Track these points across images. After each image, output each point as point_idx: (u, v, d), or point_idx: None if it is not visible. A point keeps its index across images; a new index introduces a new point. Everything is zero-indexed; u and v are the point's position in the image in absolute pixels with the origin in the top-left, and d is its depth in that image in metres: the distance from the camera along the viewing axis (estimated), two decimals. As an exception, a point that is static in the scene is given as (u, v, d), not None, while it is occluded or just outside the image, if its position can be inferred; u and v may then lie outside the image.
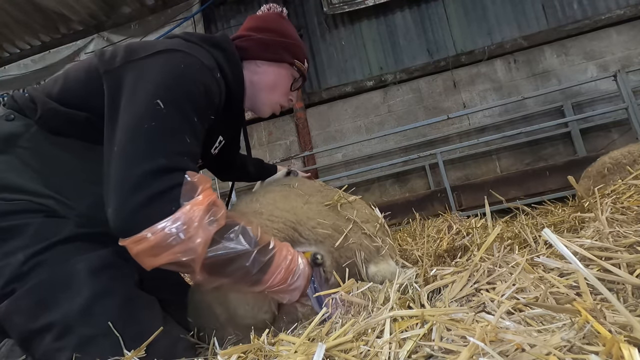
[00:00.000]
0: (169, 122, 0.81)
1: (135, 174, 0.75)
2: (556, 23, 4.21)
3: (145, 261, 0.76)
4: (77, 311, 0.79)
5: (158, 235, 0.72)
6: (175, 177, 0.78)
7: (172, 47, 0.91)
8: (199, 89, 0.88)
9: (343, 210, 1.09)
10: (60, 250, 0.83)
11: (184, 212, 0.74)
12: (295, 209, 1.03)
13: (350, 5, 4.49)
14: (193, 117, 0.86)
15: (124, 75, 0.85)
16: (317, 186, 1.24)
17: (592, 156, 2.88)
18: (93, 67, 0.90)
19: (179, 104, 0.83)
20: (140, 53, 0.88)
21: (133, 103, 0.81)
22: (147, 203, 0.74)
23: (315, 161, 4.67)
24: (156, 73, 0.85)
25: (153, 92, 0.81)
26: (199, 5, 4.99)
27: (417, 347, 0.55)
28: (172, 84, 0.84)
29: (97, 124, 0.87)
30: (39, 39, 5.39)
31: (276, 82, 1.17)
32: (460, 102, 4.41)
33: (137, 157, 0.76)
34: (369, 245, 1.04)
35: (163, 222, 0.73)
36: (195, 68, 0.89)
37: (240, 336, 0.89)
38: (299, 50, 1.18)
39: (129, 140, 0.78)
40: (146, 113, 0.79)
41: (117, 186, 0.75)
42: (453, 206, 3.28)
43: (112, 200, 0.75)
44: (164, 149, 0.78)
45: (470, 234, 1.66)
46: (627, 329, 0.47)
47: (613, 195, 1.23)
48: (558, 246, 0.59)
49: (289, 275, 0.86)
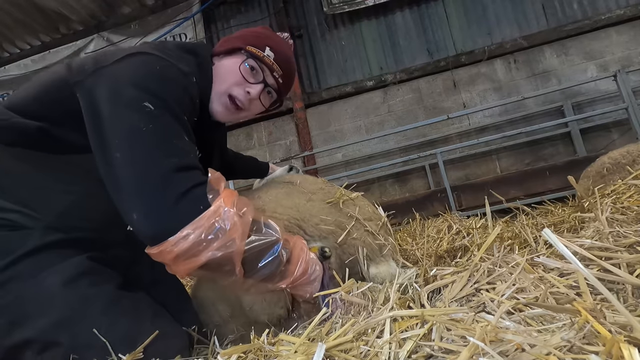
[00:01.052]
0: (164, 121, 0.80)
1: (154, 175, 0.74)
2: (556, 23, 4.21)
3: (183, 266, 0.74)
4: (55, 324, 0.76)
5: (198, 232, 0.71)
6: (193, 175, 0.77)
7: (144, 50, 0.89)
8: (179, 89, 0.87)
9: (345, 208, 1.09)
10: (29, 263, 0.80)
11: (218, 207, 0.74)
12: (298, 206, 1.03)
13: (350, 5, 4.49)
14: (183, 117, 0.85)
15: (98, 82, 0.83)
16: (320, 183, 1.24)
17: (592, 156, 2.87)
18: (59, 76, 0.87)
19: (167, 104, 0.82)
20: (111, 59, 0.86)
21: (120, 109, 0.79)
22: (177, 202, 0.72)
23: (315, 161, 4.67)
24: (134, 75, 0.83)
25: (136, 95, 0.79)
26: (199, 5, 4.99)
27: (417, 347, 0.55)
28: (152, 85, 0.82)
29: (53, 133, 0.85)
30: (39, 39, 5.39)
31: (223, 72, 1.03)
32: (460, 102, 4.41)
33: (150, 160, 0.75)
34: (371, 243, 1.04)
35: (200, 219, 0.72)
36: (172, 70, 0.88)
37: (243, 331, 0.89)
38: (256, 38, 1.06)
39: (132, 145, 0.76)
40: (139, 117, 0.78)
41: (138, 191, 0.73)
42: (453, 206, 3.28)
43: (135, 206, 0.73)
44: (171, 149, 0.78)
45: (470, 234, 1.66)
46: (627, 329, 0.47)
47: (613, 195, 1.23)
48: (558, 246, 0.59)
49: (309, 265, 0.86)
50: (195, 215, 0.72)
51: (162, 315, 0.89)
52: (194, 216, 0.72)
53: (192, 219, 0.72)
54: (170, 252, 0.72)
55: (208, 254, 0.73)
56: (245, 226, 0.77)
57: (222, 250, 0.73)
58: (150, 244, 0.74)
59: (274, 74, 1.06)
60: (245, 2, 5.03)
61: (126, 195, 0.75)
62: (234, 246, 0.74)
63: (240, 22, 5.03)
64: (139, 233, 0.74)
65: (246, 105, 1.03)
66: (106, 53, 0.89)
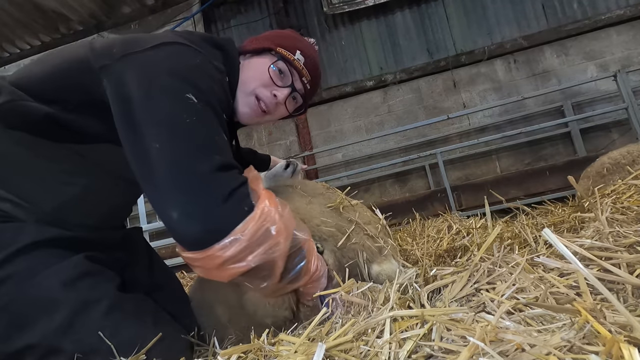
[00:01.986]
0: (207, 116, 0.76)
1: (197, 173, 0.69)
2: (556, 23, 4.21)
3: (228, 271, 0.70)
4: (57, 329, 0.73)
5: (247, 235, 0.68)
6: (235, 175, 0.74)
7: (180, 41, 0.83)
8: (218, 85, 0.83)
9: (345, 212, 1.09)
10: (24, 261, 0.75)
11: (264, 209, 0.71)
12: (299, 208, 1.03)
13: (350, 5, 4.49)
14: (222, 113, 0.81)
15: (131, 67, 0.77)
16: (320, 188, 1.24)
17: (592, 156, 2.88)
18: (80, 57, 0.80)
19: (208, 98, 0.77)
20: (143, 44, 0.80)
21: (158, 97, 0.73)
22: (223, 203, 0.68)
23: (315, 161, 4.67)
24: (174, 65, 0.78)
25: (178, 85, 0.75)
26: (199, 5, 4.98)
27: (417, 347, 0.55)
28: (194, 77, 0.77)
29: (63, 119, 0.79)
30: (39, 39, 5.38)
31: (250, 72, 0.98)
32: (460, 102, 4.41)
33: (193, 155, 0.70)
34: (371, 246, 1.04)
35: (248, 221, 0.68)
36: (210, 66, 0.84)
37: (241, 336, 0.89)
38: (287, 40, 1.02)
39: (173, 137, 0.71)
40: (182, 107, 0.73)
41: (180, 188, 0.68)
42: (453, 206, 3.28)
43: (176, 204, 0.68)
44: (214, 145, 0.74)
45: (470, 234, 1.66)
46: (627, 329, 0.47)
47: (613, 195, 1.23)
48: (558, 246, 0.58)
49: (318, 261, 0.85)
50: (242, 217, 0.69)
51: (163, 317, 0.87)
52: (240, 218, 0.69)
53: (239, 221, 0.68)
54: (218, 257, 0.67)
55: (256, 258, 0.70)
56: (289, 227, 0.75)
57: (268, 254, 0.71)
58: (193, 249, 0.69)
59: (302, 79, 1.01)
60: (245, 2, 5.03)
61: (165, 191, 0.69)
62: (279, 249, 0.72)
63: (240, 22, 5.03)
64: (179, 235, 0.69)
65: (271, 109, 0.98)
66: (136, 38, 0.83)
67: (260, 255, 0.70)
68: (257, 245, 0.69)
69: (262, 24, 4.93)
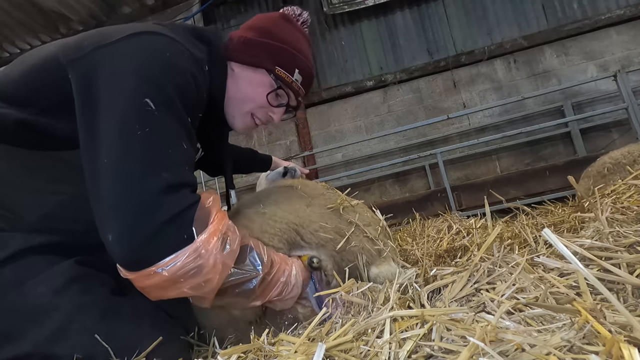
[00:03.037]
0: (163, 125, 0.71)
1: (138, 194, 0.65)
2: (556, 23, 4.21)
3: (153, 294, 0.70)
4: (50, 337, 0.71)
5: (172, 270, 0.65)
6: (183, 197, 0.70)
7: (152, 30, 0.78)
8: (189, 81, 0.77)
9: (345, 214, 1.09)
10: (13, 269, 0.73)
11: (200, 244, 0.67)
12: (298, 211, 1.03)
13: (350, 5, 4.49)
14: (186, 117, 0.76)
15: (96, 63, 0.72)
16: (320, 188, 1.24)
17: (592, 156, 2.88)
18: (51, 55, 0.76)
19: (171, 102, 0.72)
20: (114, 35, 0.75)
21: (116, 101, 0.69)
22: (157, 232, 0.65)
23: (315, 161, 4.67)
24: (137, 60, 0.72)
25: (138, 87, 0.70)
26: (199, 5, 4.99)
27: (417, 347, 0.55)
28: (158, 75, 0.72)
29: (38, 124, 0.75)
30: (39, 39, 5.38)
31: (247, 91, 0.96)
32: (460, 102, 4.41)
33: (137, 173, 0.67)
34: (370, 249, 1.04)
35: (178, 255, 0.65)
36: (183, 56, 0.77)
37: (240, 336, 0.89)
38: (285, 57, 0.97)
39: (121, 151, 0.67)
40: (135, 115, 0.68)
41: (117, 210, 0.65)
42: (453, 206, 3.27)
43: (111, 226, 0.66)
44: (164, 161, 0.70)
45: (470, 234, 1.66)
46: (627, 329, 0.47)
47: (613, 195, 1.23)
48: (558, 246, 0.58)
49: (285, 288, 0.84)
50: (176, 247, 0.66)
51: (161, 318, 0.86)
52: (174, 248, 0.66)
53: (172, 251, 0.66)
54: (141, 281, 0.67)
55: (180, 290, 0.68)
56: (226, 266, 0.71)
57: (194, 290, 0.69)
58: (123, 267, 0.68)
59: (298, 98, 1.03)
60: (245, 2, 5.03)
61: (104, 211, 0.67)
62: (209, 286, 0.70)
63: (240, 22, 5.02)
64: (112, 255, 0.67)
65: (265, 123, 1.03)
66: (110, 30, 0.78)
67: (186, 289, 0.68)
68: (183, 280, 0.67)
69: (262, 24, 4.93)
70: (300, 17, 1.06)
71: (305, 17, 1.07)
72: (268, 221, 0.97)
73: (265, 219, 0.97)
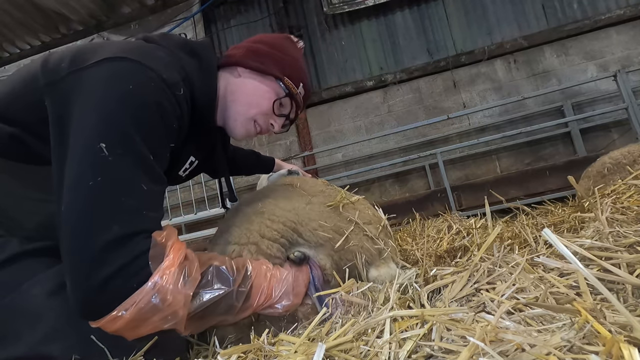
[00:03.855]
0: (117, 173, 0.70)
1: (88, 249, 0.66)
2: (556, 23, 4.21)
3: (128, 334, 0.69)
4: (44, 338, 0.71)
5: (132, 311, 0.65)
6: (136, 244, 0.69)
7: (122, 55, 0.76)
8: (152, 112, 0.75)
9: (345, 212, 1.09)
10: (8, 272, 0.74)
11: (154, 281, 0.67)
12: (297, 209, 1.02)
13: (350, 5, 4.49)
14: (146, 153, 0.74)
15: (68, 91, 0.73)
16: (320, 185, 1.23)
17: (592, 156, 2.87)
18: (33, 74, 0.77)
19: (126, 141, 0.71)
20: (90, 58, 0.75)
21: (77, 144, 0.70)
22: (106, 283, 0.65)
23: (315, 161, 4.67)
24: (99, 94, 0.72)
25: (96, 127, 0.70)
26: (199, 5, 4.99)
27: (417, 347, 0.55)
28: (115, 109, 0.71)
29: (27, 141, 0.77)
30: (39, 39, 5.39)
31: (254, 95, 0.98)
32: (460, 102, 4.41)
33: (87, 226, 0.67)
34: (370, 248, 1.03)
35: (134, 296, 0.66)
36: (148, 85, 0.76)
37: (241, 336, 0.89)
38: (293, 69, 1.01)
39: (73, 200, 0.68)
40: (89, 163, 0.69)
41: (69, 261, 0.67)
42: (453, 206, 3.27)
43: (67, 275, 0.67)
44: (115, 213, 0.69)
45: (470, 234, 1.66)
46: (627, 329, 0.47)
47: (613, 195, 1.23)
48: (558, 246, 0.59)
49: (272, 289, 0.83)
50: (130, 292, 0.66)
51: None
52: (125, 295, 0.66)
53: (125, 297, 0.66)
54: (107, 328, 0.67)
55: (149, 327, 0.68)
56: (187, 295, 0.70)
57: (163, 322, 0.69)
58: (84, 318, 0.68)
59: (298, 110, 1.08)
60: (245, 2, 5.03)
61: (64, 258, 0.68)
62: (175, 318, 0.69)
63: (240, 22, 5.03)
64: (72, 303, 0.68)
65: (264, 132, 1.06)
66: (87, 50, 0.78)
67: (153, 325, 0.68)
68: (146, 318, 0.67)
69: (262, 24, 4.93)
70: (298, 43, 1.12)
71: (301, 44, 1.13)
72: (266, 221, 0.97)
73: (263, 219, 0.97)
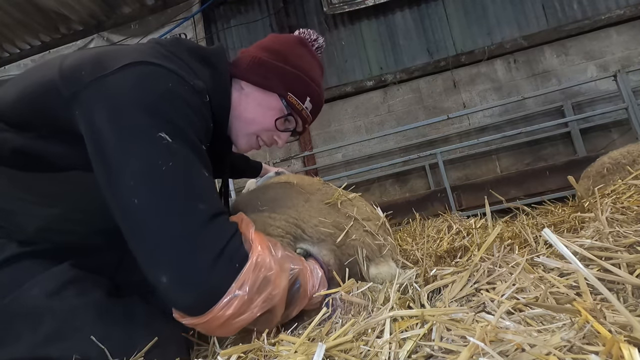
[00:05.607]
0: (184, 157, 0.69)
1: (186, 231, 0.64)
2: (556, 23, 4.21)
3: (231, 326, 0.68)
4: (44, 340, 0.70)
5: (244, 289, 0.65)
6: (224, 224, 0.70)
7: (150, 60, 0.75)
8: (195, 112, 0.76)
9: (343, 208, 1.09)
10: (7, 273, 0.73)
11: (257, 256, 0.68)
12: (297, 206, 1.03)
13: (350, 5, 4.49)
14: (201, 146, 0.75)
15: (98, 98, 0.70)
16: (317, 184, 1.23)
17: (592, 156, 2.87)
18: (49, 80, 0.74)
19: (184, 133, 0.71)
20: (111, 64, 0.72)
21: (130, 139, 0.67)
22: (215, 262, 0.64)
23: (315, 161, 4.67)
24: (141, 94, 0.70)
25: (148, 122, 0.68)
26: (199, 5, 4.99)
27: (417, 347, 0.55)
28: (165, 109, 0.70)
29: (32, 152, 0.75)
30: (39, 39, 5.38)
31: (255, 112, 0.95)
32: (460, 102, 4.41)
33: (173, 210, 0.65)
34: (370, 243, 1.04)
35: (241, 275, 0.65)
36: (185, 88, 0.76)
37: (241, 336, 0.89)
38: (298, 84, 0.96)
39: (152, 189, 0.65)
40: (155, 151, 0.66)
41: (168, 250, 0.63)
42: (453, 206, 3.27)
43: (166, 268, 0.63)
44: (197, 192, 0.68)
45: (470, 234, 1.66)
46: (627, 329, 0.47)
47: (613, 195, 1.23)
48: (558, 246, 0.59)
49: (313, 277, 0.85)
50: (237, 273, 0.66)
51: (157, 318, 0.84)
52: (235, 275, 0.66)
53: (234, 278, 0.65)
54: (220, 317, 0.65)
55: (258, 307, 0.68)
56: (284, 268, 0.73)
57: (269, 300, 0.69)
58: (191, 314, 0.66)
59: (305, 125, 1.04)
60: (245, 2, 5.03)
61: (150, 253, 0.65)
62: (279, 293, 0.70)
63: (240, 22, 5.03)
64: (172, 302, 0.66)
65: (268, 146, 1.04)
66: (106, 57, 0.75)
67: (262, 303, 0.69)
68: (257, 295, 0.68)
69: (262, 24, 4.93)
70: (316, 42, 1.05)
71: (320, 42, 1.06)
72: (267, 219, 0.96)
73: (264, 217, 0.97)
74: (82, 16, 5.05)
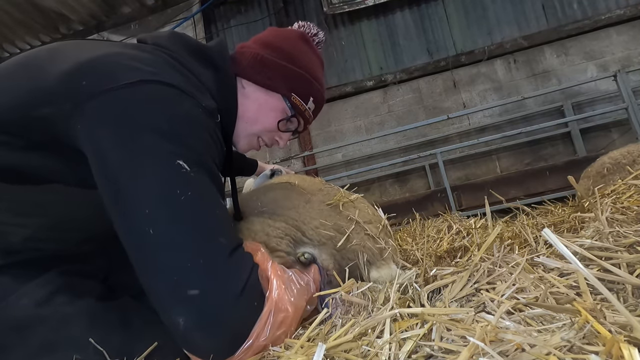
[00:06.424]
0: (203, 186, 0.66)
1: (203, 268, 0.59)
2: (556, 23, 4.21)
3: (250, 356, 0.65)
4: (37, 351, 0.67)
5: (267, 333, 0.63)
6: (243, 260, 0.67)
7: (164, 80, 0.69)
8: (209, 136, 0.72)
9: (345, 210, 1.08)
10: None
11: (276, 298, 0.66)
12: (298, 207, 1.02)
13: (350, 5, 4.49)
14: (217, 171, 0.72)
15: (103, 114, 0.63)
16: (318, 184, 1.23)
17: (592, 156, 2.88)
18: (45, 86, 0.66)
19: (201, 158, 0.68)
20: (119, 78, 0.65)
21: (144, 163, 0.62)
22: (235, 303, 0.60)
23: (315, 161, 4.67)
24: (156, 116, 0.65)
25: (165, 147, 0.63)
26: (199, 5, 4.99)
27: (417, 347, 0.55)
28: (183, 134, 0.66)
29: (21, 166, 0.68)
30: (39, 39, 5.39)
31: (258, 113, 0.92)
32: (460, 102, 4.42)
33: (192, 244, 0.60)
34: (371, 247, 1.03)
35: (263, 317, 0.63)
36: (199, 110, 0.72)
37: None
38: (302, 84, 0.93)
39: (168, 221, 0.60)
40: (173, 179, 0.62)
41: (180, 288, 0.58)
42: (453, 206, 3.28)
43: (179, 309, 0.59)
44: (217, 224, 0.65)
45: (470, 234, 1.66)
46: (627, 329, 0.47)
47: (613, 195, 1.23)
48: (558, 246, 0.58)
49: None
50: (258, 313, 0.63)
51: (153, 322, 0.79)
52: (256, 315, 0.63)
53: (256, 318, 0.63)
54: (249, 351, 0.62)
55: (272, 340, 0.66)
56: (298, 309, 0.70)
57: (278, 340, 0.67)
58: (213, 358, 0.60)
59: (307, 125, 1.03)
60: (245, 2, 5.03)
61: (165, 291, 0.60)
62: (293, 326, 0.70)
63: (240, 22, 5.03)
64: (190, 346, 0.61)
65: (269, 147, 1.03)
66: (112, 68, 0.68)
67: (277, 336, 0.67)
68: (271, 336, 0.66)
69: (262, 24, 4.93)
70: (317, 36, 1.02)
71: (320, 37, 1.03)
72: (267, 220, 0.96)
73: (264, 218, 0.97)
74: (82, 16, 5.05)
